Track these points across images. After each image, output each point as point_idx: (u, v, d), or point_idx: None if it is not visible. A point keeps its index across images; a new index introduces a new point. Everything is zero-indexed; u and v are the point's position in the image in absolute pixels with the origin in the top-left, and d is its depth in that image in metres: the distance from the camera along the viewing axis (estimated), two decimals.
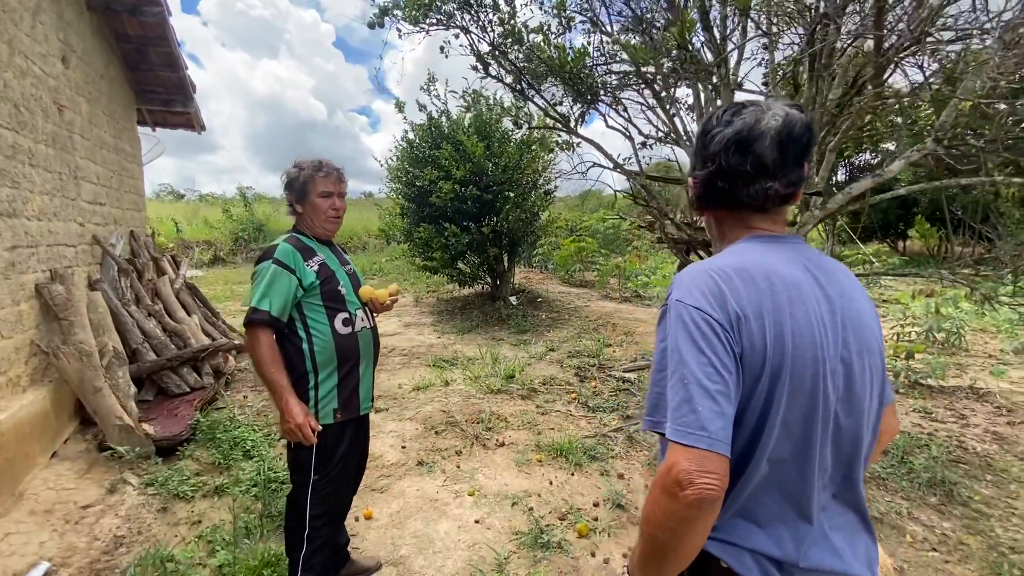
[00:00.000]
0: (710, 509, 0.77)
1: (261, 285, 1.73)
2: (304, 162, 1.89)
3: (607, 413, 3.99)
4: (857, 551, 0.90)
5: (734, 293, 0.85)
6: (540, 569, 2.30)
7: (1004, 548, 2.39)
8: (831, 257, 1.01)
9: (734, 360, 0.83)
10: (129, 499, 2.84)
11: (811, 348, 0.84)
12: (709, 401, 0.79)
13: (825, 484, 0.89)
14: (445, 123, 6.97)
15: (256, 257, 1.84)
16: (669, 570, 0.85)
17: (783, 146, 0.90)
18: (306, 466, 1.85)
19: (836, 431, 0.88)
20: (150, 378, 3.96)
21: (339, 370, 1.86)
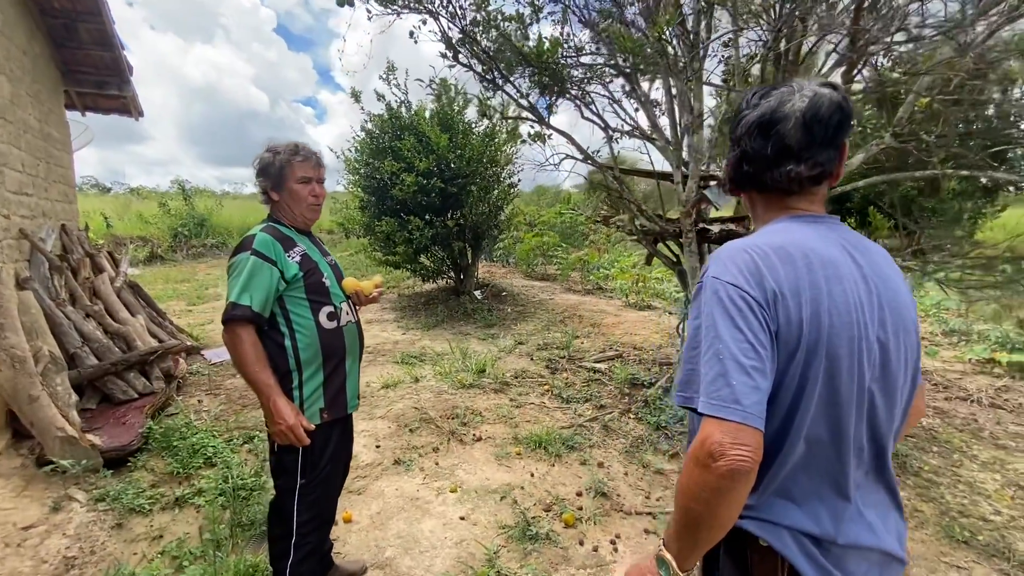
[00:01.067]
0: (743, 481, 0.78)
1: (240, 278, 1.60)
2: (279, 146, 1.76)
3: (581, 403, 4.03)
4: (889, 527, 0.92)
5: (771, 271, 0.85)
6: (531, 561, 2.29)
7: (954, 513, 2.59)
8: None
9: (770, 337, 0.83)
10: (77, 517, 2.60)
11: (848, 327, 0.84)
12: (744, 376, 0.80)
13: (860, 462, 0.91)
14: (405, 113, 6.80)
15: (233, 249, 1.70)
16: (704, 542, 0.85)
17: (808, 127, 0.89)
18: (291, 470, 1.74)
19: (871, 410, 0.89)
20: (92, 384, 3.64)
21: (324, 367, 1.76)
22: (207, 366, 4.95)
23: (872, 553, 0.89)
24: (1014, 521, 2.51)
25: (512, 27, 3.28)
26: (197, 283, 10.05)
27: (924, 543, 2.40)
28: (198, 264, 13.40)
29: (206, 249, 15.12)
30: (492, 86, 3.84)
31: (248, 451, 3.36)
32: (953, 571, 2.22)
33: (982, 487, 2.79)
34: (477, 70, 3.77)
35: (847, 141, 0.95)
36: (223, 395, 4.29)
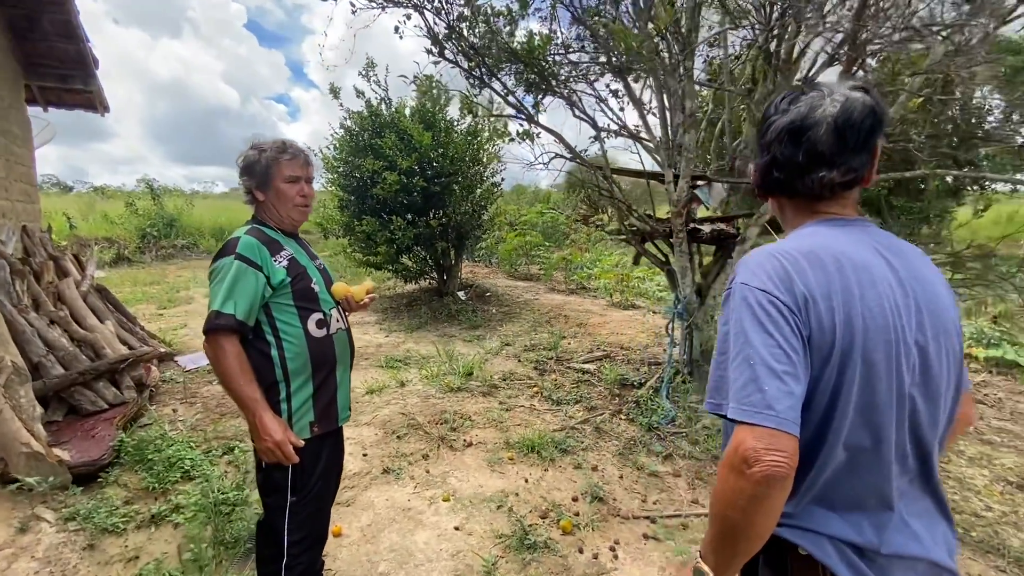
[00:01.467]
0: (780, 487, 0.76)
1: (223, 285, 1.48)
2: (265, 143, 1.65)
3: (571, 405, 3.98)
4: (936, 537, 0.88)
5: (801, 275, 0.84)
6: (531, 572, 2.22)
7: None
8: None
9: (802, 342, 0.81)
10: (46, 538, 2.43)
11: (883, 331, 0.82)
12: (776, 381, 0.78)
13: (904, 470, 0.87)
14: (385, 111, 6.66)
15: (215, 253, 1.58)
16: (742, 552, 0.83)
17: (841, 133, 0.88)
18: (281, 487, 1.63)
19: (913, 416, 0.86)
20: (58, 395, 3.43)
21: (314, 378, 1.65)
22: (181, 373, 4.75)
23: (919, 563, 0.86)
24: (1005, 516, 2.56)
25: (501, 22, 3.20)
26: (167, 286, 9.69)
27: None
28: (168, 266, 12.95)
29: (176, 250, 14.63)
30: (479, 83, 3.76)
31: (228, 463, 3.21)
32: None
33: (972, 483, 2.84)
34: (463, 66, 3.68)
35: (879, 144, 0.92)
36: (199, 404, 4.11)
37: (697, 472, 3.05)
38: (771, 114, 0.96)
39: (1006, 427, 3.44)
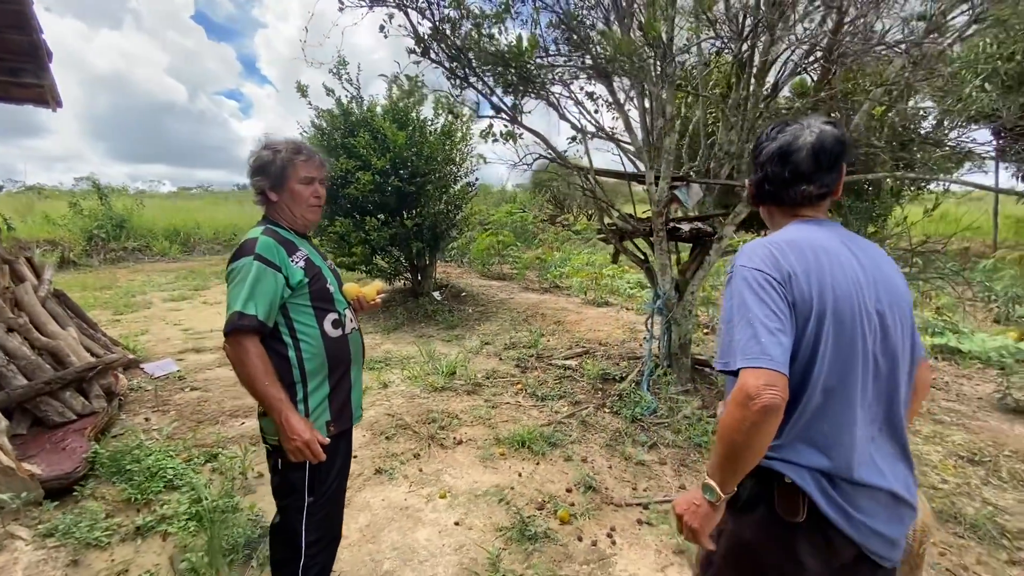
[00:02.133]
0: (775, 415, 0.97)
1: (244, 285, 1.47)
2: (278, 143, 1.65)
3: (556, 401, 4.07)
4: (897, 475, 1.10)
5: (785, 258, 1.08)
6: (535, 561, 2.28)
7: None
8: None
9: (788, 306, 1.05)
10: (24, 556, 2.31)
11: (848, 298, 1.05)
12: (770, 335, 1.01)
13: (872, 419, 1.08)
14: (356, 109, 6.56)
15: (233, 254, 1.57)
16: (741, 469, 1.03)
17: (817, 156, 1.14)
18: (299, 488, 1.63)
19: (876, 371, 1.08)
20: (22, 407, 3.25)
21: (330, 378, 1.66)
22: (150, 381, 4.55)
23: (880, 493, 1.06)
24: (959, 488, 2.81)
25: (487, 25, 3.25)
26: (120, 290, 9.21)
27: None
28: (118, 269, 12.28)
29: (127, 253, 13.89)
30: (462, 83, 3.79)
31: (212, 470, 3.13)
32: None
33: (928, 459, 3.09)
34: (446, 66, 3.71)
35: (845, 165, 1.19)
36: (173, 412, 3.97)
37: (682, 459, 3.19)
38: (763, 141, 1.22)
39: (954, 407, 3.76)
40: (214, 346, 5.66)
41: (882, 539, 1.05)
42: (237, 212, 19.53)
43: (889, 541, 1.06)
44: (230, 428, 3.71)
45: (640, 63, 2.63)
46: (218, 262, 13.20)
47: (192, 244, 15.30)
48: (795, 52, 2.76)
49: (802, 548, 1.06)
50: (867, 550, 1.05)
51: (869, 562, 1.07)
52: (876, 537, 1.05)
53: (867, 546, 1.04)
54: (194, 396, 4.27)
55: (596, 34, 2.90)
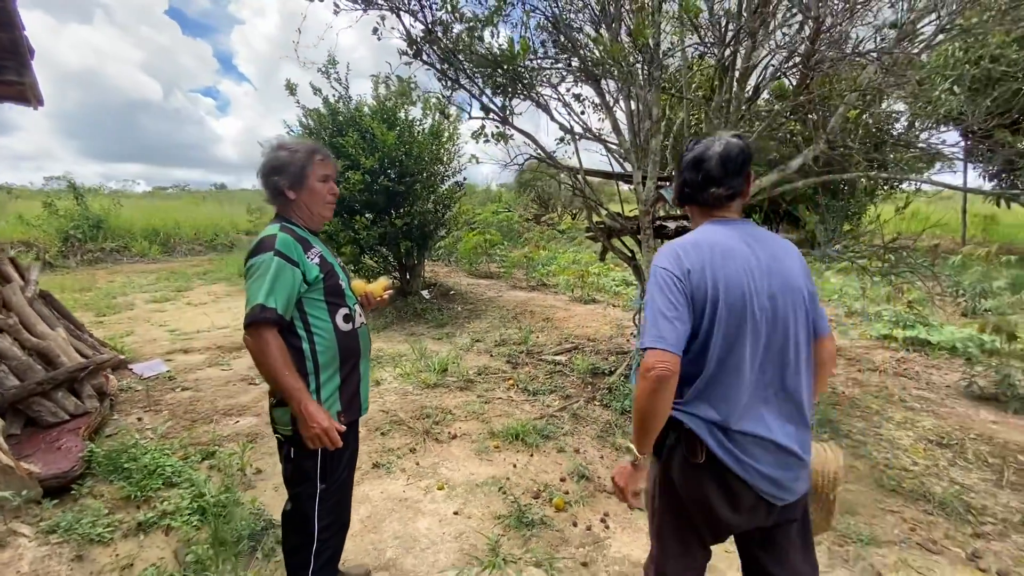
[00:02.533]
0: (666, 384, 1.21)
1: (265, 280, 1.53)
2: (293, 144, 1.73)
3: (547, 395, 4.17)
4: (786, 430, 1.29)
5: (687, 257, 1.30)
6: (533, 546, 2.38)
7: (882, 466, 3.03)
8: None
9: (685, 298, 1.27)
10: (28, 552, 2.33)
11: (738, 288, 1.26)
12: (666, 322, 1.24)
13: (766, 384, 1.29)
14: (344, 108, 6.58)
15: (250, 250, 1.63)
16: (650, 429, 1.28)
17: (724, 163, 1.35)
18: (311, 476, 1.71)
19: (767, 345, 1.28)
20: (14, 407, 3.23)
21: (341, 370, 1.73)
22: (139, 381, 4.53)
23: (767, 443, 1.27)
24: (928, 469, 2.99)
25: (479, 27, 3.33)
26: (100, 292, 9.06)
27: (863, 493, 2.79)
28: (96, 271, 12.04)
29: (104, 254, 13.60)
30: (453, 84, 3.86)
31: (210, 467, 3.16)
32: (890, 515, 2.60)
33: (900, 443, 3.27)
34: (438, 68, 3.78)
35: (751, 171, 1.40)
36: (166, 411, 3.97)
37: None
38: (685, 151, 1.44)
39: (924, 395, 3.97)
40: (202, 347, 5.64)
41: (769, 480, 1.27)
42: (218, 212, 19.26)
43: (775, 483, 1.27)
44: (225, 427, 3.73)
45: (628, 68, 2.74)
46: (199, 263, 13.02)
47: (172, 245, 15.04)
48: (775, 57, 2.90)
49: (708, 487, 1.30)
50: (758, 490, 1.27)
51: (767, 504, 1.29)
52: (764, 479, 1.26)
53: (757, 486, 1.26)
54: (186, 396, 4.27)
55: (584, 37, 3.00)
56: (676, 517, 1.40)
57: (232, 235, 16.73)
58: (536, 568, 2.24)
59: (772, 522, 1.33)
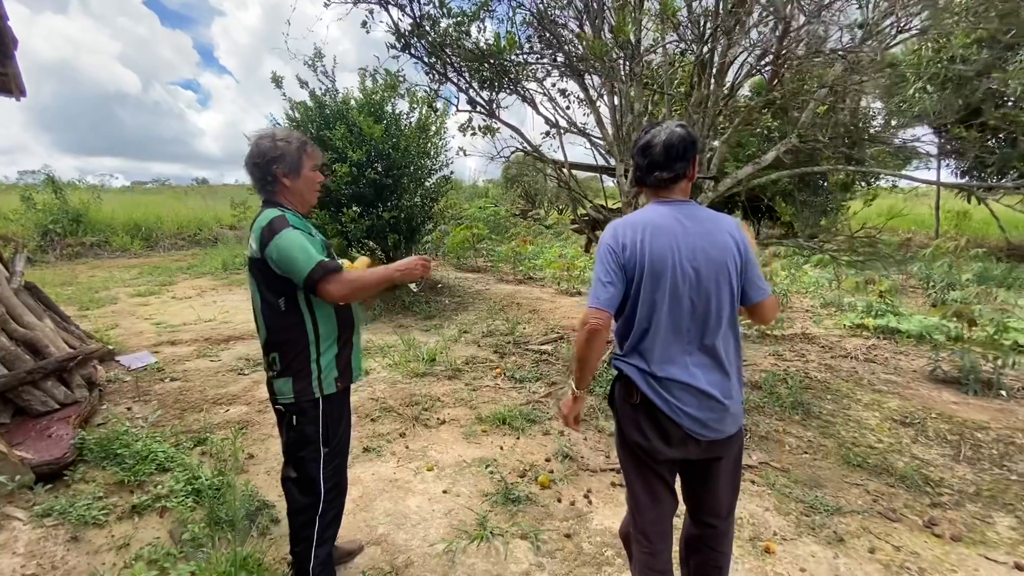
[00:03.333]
0: (598, 335, 1.50)
1: (300, 248, 1.64)
2: (287, 135, 1.82)
3: (533, 383, 4.28)
4: (709, 378, 1.51)
5: (624, 234, 1.53)
6: (519, 520, 2.49)
7: (848, 444, 3.20)
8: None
9: (619, 267, 1.51)
10: (23, 535, 2.37)
11: (662, 259, 1.48)
12: (602, 286, 1.50)
13: (690, 340, 1.52)
14: (330, 101, 6.60)
15: (263, 235, 1.68)
16: (586, 370, 1.61)
17: (667, 150, 1.52)
18: (314, 440, 1.82)
19: (691, 308, 1.49)
20: (3, 397, 3.25)
21: (339, 340, 1.86)
22: (127, 372, 4.54)
23: (691, 388, 1.49)
24: (892, 446, 3.16)
25: (466, 22, 3.41)
26: (82, 286, 8.96)
27: (830, 469, 2.95)
28: (76, 265, 11.85)
29: (85, 248, 13.37)
30: (440, 78, 3.94)
31: (201, 453, 3.21)
32: (855, 488, 2.77)
33: (867, 423, 3.45)
34: (426, 61, 3.85)
35: (696, 156, 1.57)
36: (155, 401, 4.00)
37: None
38: (638, 138, 1.62)
39: (891, 379, 4.16)
40: (190, 339, 5.64)
41: (692, 419, 1.50)
42: (201, 207, 19.00)
43: (698, 421, 1.50)
44: (215, 415, 3.78)
45: (611, 63, 2.85)
46: (183, 257, 12.87)
47: (154, 239, 14.83)
48: (751, 55, 3.03)
49: (644, 423, 1.55)
50: (684, 427, 1.50)
51: (694, 440, 1.52)
52: (687, 418, 1.49)
53: (682, 423, 1.50)
54: (175, 386, 4.30)
55: (569, 33, 3.10)
56: (634, 462, 1.65)
57: (216, 230, 16.53)
58: (522, 540, 2.35)
59: (702, 456, 1.58)
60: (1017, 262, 9.13)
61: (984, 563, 2.22)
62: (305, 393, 1.77)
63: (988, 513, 2.56)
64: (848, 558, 2.24)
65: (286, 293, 1.74)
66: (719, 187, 3.36)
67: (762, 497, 2.69)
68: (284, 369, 1.75)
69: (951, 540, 2.36)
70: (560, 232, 14.10)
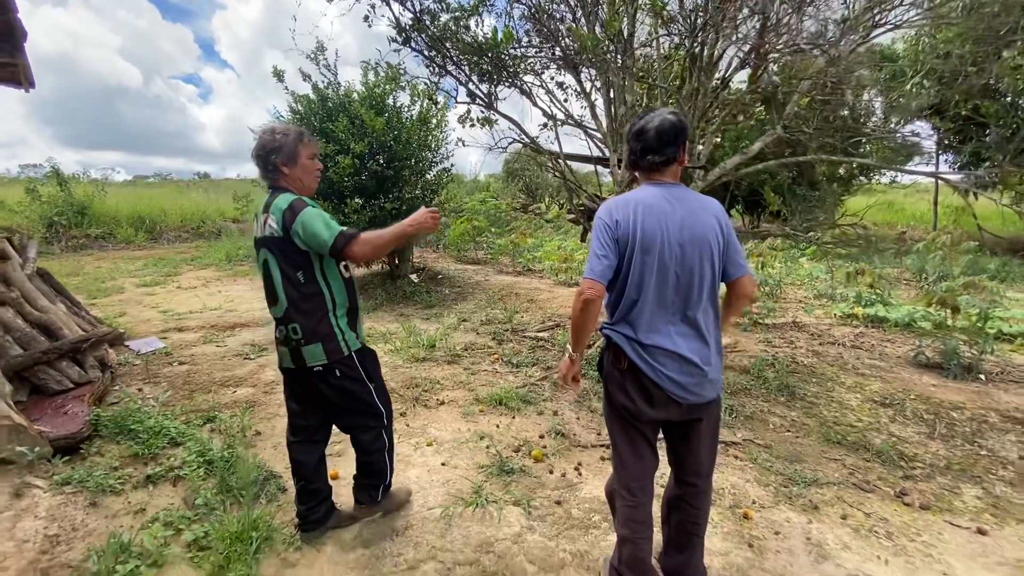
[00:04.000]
0: (592, 304, 1.62)
1: (323, 221, 1.91)
2: (285, 128, 2.07)
3: (529, 367, 4.43)
4: (690, 346, 1.66)
5: (617, 211, 1.66)
6: (512, 489, 2.64)
7: (830, 423, 3.34)
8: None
9: (613, 241, 1.64)
10: (44, 501, 2.53)
11: (652, 236, 1.61)
12: (597, 259, 1.63)
13: (674, 311, 1.66)
14: (332, 94, 6.71)
15: (285, 217, 1.93)
16: (581, 335, 1.72)
17: (660, 135, 1.64)
18: (362, 380, 2.15)
19: (675, 282, 1.63)
20: (19, 376, 3.39)
21: (348, 310, 2.14)
22: (136, 356, 4.69)
23: (673, 354, 1.64)
24: (871, 425, 3.30)
25: (465, 16, 3.53)
26: (89, 276, 9.10)
27: (811, 446, 3.09)
28: (82, 257, 11.99)
29: (90, 240, 13.51)
30: (440, 71, 4.06)
31: (211, 430, 3.36)
32: (833, 463, 2.91)
33: (848, 404, 3.59)
34: (426, 55, 3.97)
35: (687, 142, 1.70)
36: (165, 383, 4.15)
37: None
38: (632, 124, 1.74)
39: (876, 364, 4.30)
40: (196, 326, 5.79)
41: (674, 383, 1.65)
42: (204, 200, 19.13)
43: (680, 385, 1.65)
44: (223, 396, 3.92)
45: (603, 57, 2.96)
46: (187, 250, 13.02)
47: (159, 232, 14.97)
48: (739, 50, 3.14)
49: (630, 387, 1.70)
50: (666, 390, 1.65)
51: (676, 402, 1.66)
52: (670, 381, 1.64)
53: (665, 387, 1.65)
54: (183, 369, 4.45)
55: (564, 28, 3.22)
56: (620, 423, 1.81)
57: (219, 222, 16.68)
58: (515, 506, 2.50)
59: (683, 418, 1.73)
60: (1012, 257, 9.24)
61: (948, 528, 2.36)
62: (336, 353, 2.04)
63: (957, 484, 2.70)
64: (821, 523, 2.38)
65: (304, 267, 1.98)
66: (709, 176, 3.48)
67: (744, 470, 2.83)
68: (309, 336, 2.00)
69: (920, 508, 2.50)
70: (560, 226, 14.21)
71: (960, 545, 2.25)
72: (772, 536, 2.29)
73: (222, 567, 2.08)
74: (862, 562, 2.14)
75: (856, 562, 2.13)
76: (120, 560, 2.12)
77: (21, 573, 2.05)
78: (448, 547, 2.23)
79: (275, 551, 2.22)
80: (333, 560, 2.18)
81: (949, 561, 2.15)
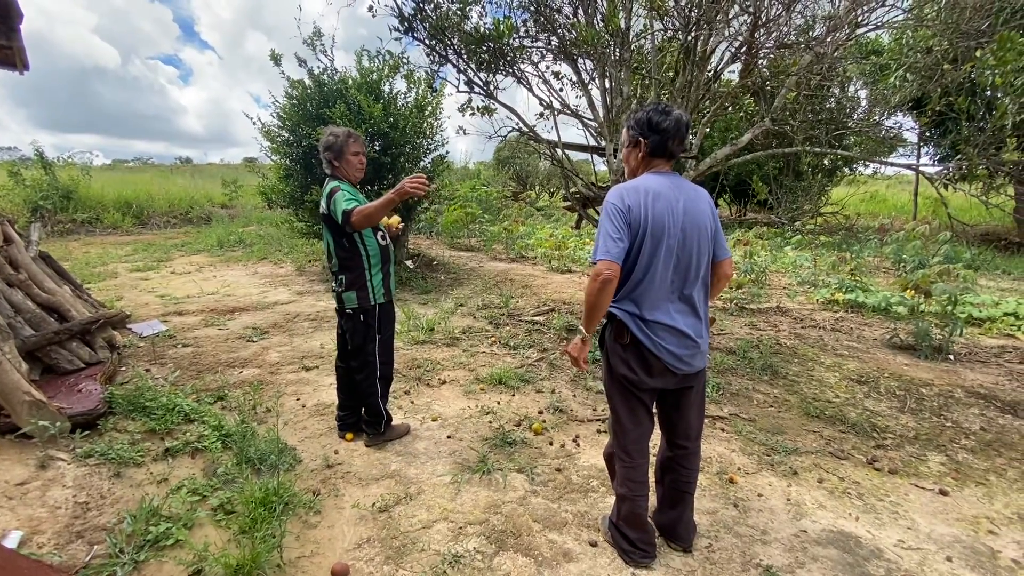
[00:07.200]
0: (609, 285, 1.73)
1: (343, 200, 2.50)
2: (337, 131, 2.66)
3: (526, 349, 4.60)
4: (686, 321, 1.84)
5: (629, 196, 1.78)
6: (515, 459, 2.82)
7: (810, 399, 3.57)
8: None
9: (626, 225, 1.76)
10: (69, 472, 2.65)
11: (660, 221, 1.76)
12: (611, 241, 1.74)
13: (673, 290, 1.83)
14: (328, 80, 6.74)
15: (327, 199, 2.57)
16: (595, 316, 1.80)
17: (678, 127, 1.81)
18: (372, 328, 2.79)
19: (676, 263, 1.81)
20: (32, 355, 3.48)
21: (382, 268, 2.76)
22: (140, 339, 4.77)
23: (671, 329, 1.81)
24: (847, 401, 3.54)
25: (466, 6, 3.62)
26: (79, 262, 9.05)
27: (791, 420, 3.32)
28: (68, 242, 11.86)
29: (76, 225, 13.35)
30: (441, 59, 4.15)
31: (222, 407, 3.48)
32: (811, 435, 3.13)
33: (827, 382, 3.82)
34: (427, 43, 4.06)
35: (689, 137, 1.88)
36: (171, 364, 4.24)
37: None
38: (647, 115, 1.87)
39: (853, 345, 4.55)
40: (196, 310, 5.86)
41: (671, 355, 1.81)
42: (191, 185, 18.91)
43: (676, 356, 1.82)
44: (230, 376, 4.04)
45: (601, 49, 3.09)
46: (176, 235, 12.94)
47: (146, 217, 14.82)
48: (731, 45, 3.29)
49: (631, 359, 1.85)
50: (664, 361, 1.81)
51: (671, 372, 1.84)
52: (668, 353, 1.81)
53: (663, 358, 1.81)
54: (188, 351, 4.54)
55: (563, 19, 3.33)
56: (621, 392, 1.97)
57: (208, 208, 16.53)
58: (518, 473, 2.68)
59: (677, 386, 1.91)
60: (986, 247, 9.60)
61: (914, 490, 2.60)
62: (365, 301, 2.70)
63: (923, 452, 2.95)
64: (799, 487, 2.60)
65: (345, 235, 2.63)
66: (700, 166, 3.64)
67: (730, 441, 3.05)
68: (349, 286, 2.69)
69: (889, 473, 2.73)
70: (551, 214, 14.35)
71: (924, 504, 2.49)
72: (755, 497, 2.50)
73: (250, 527, 2.23)
74: (835, 519, 2.36)
75: (830, 519, 2.35)
76: (152, 523, 2.26)
77: (58, 535, 2.19)
78: (459, 509, 2.40)
79: (296, 515, 2.38)
80: (352, 521, 2.34)
81: (913, 518, 2.38)
